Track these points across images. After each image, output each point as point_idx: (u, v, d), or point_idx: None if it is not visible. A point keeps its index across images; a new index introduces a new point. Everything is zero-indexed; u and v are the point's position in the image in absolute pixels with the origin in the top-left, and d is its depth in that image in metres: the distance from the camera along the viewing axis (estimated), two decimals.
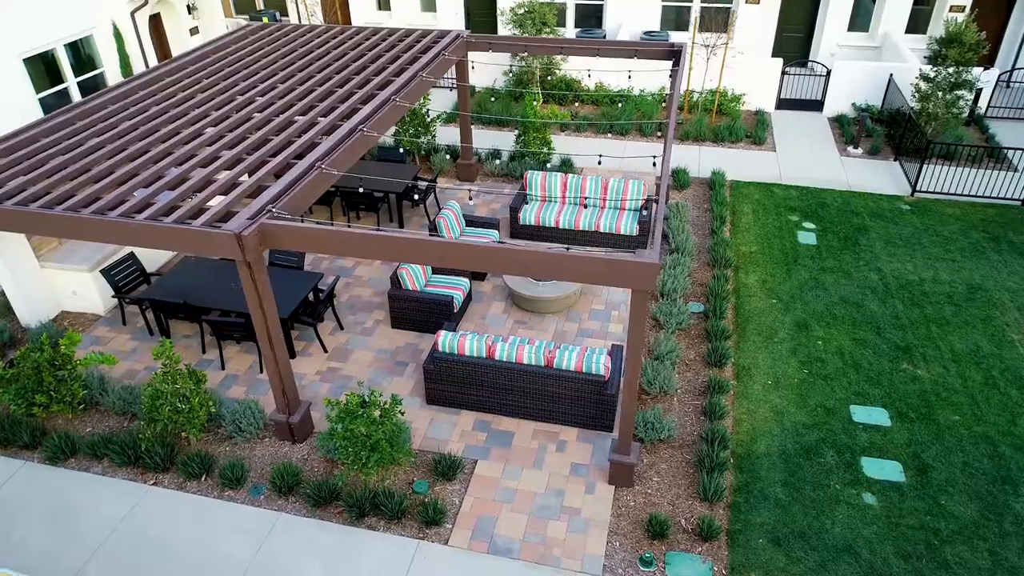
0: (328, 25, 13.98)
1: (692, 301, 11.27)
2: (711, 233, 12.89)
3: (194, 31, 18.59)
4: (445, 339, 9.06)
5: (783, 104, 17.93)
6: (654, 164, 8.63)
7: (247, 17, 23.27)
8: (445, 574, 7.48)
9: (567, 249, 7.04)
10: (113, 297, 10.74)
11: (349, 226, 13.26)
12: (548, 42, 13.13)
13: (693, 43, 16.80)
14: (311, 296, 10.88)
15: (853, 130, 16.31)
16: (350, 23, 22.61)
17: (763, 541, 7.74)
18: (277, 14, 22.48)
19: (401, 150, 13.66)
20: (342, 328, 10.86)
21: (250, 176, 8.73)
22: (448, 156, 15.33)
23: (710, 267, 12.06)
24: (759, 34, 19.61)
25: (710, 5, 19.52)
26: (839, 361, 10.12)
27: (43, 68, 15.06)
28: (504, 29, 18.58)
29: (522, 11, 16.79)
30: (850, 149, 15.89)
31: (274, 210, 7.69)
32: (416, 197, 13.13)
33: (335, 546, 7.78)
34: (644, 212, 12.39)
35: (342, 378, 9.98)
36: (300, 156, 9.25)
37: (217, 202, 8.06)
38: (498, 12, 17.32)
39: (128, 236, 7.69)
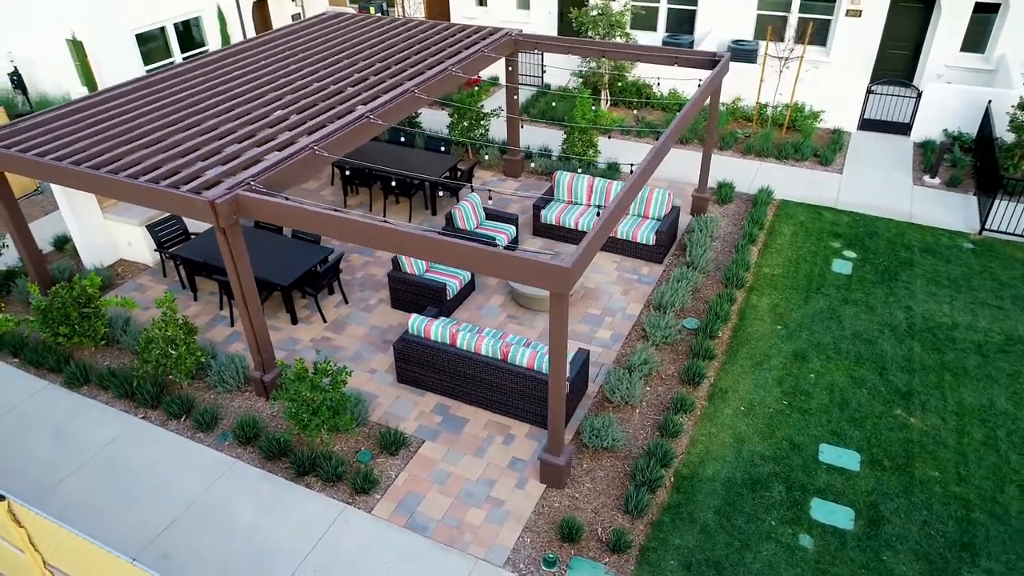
0: (393, 17, 14.71)
1: (690, 317, 11.00)
2: (735, 251, 12.45)
3: (296, 17, 20.05)
4: (415, 322, 9.46)
5: (867, 125, 16.80)
6: (631, 171, 8.57)
7: (357, 6, 24.68)
8: (357, 538, 7.91)
9: (499, 247, 7.23)
10: (155, 251, 12.00)
11: (384, 213, 13.95)
12: (591, 44, 13.15)
13: (767, 54, 16.11)
14: (319, 268, 11.61)
15: (933, 158, 15.06)
16: (449, 18, 23.43)
17: (674, 563, 7.57)
18: (384, 4, 23.68)
19: (402, 140, 14.23)
20: (347, 302, 11.53)
21: (258, 149, 9.52)
22: (499, 151, 15.68)
23: (723, 285, 11.68)
24: (859, 49, 18.42)
25: (808, 16, 18.60)
26: (825, 397, 9.57)
27: (153, 44, 16.90)
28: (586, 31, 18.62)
29: (594, 12, 16.81)
30: (926, 178, 14.70)
31: (252, 183, 8.40)
32: (452, 187, 13.60)
33: (272, 496, 8.41)
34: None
35: (332, 347, 10.64)
36: (309, 135, 9.94)
37: (216, 171, 8.89)
38: (573, 13, 17.46)
39: (130, 194, 8.68)
